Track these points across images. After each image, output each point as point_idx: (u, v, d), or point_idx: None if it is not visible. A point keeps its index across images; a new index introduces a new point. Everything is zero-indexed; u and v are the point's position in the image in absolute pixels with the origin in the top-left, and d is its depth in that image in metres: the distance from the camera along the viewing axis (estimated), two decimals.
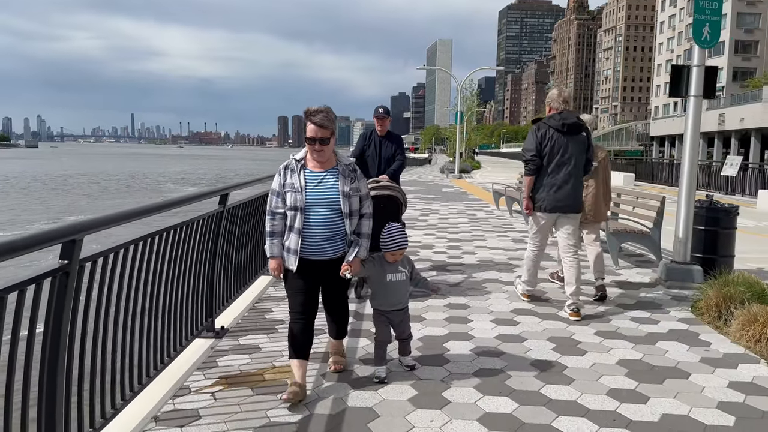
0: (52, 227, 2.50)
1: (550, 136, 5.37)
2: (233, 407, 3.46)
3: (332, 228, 3.54)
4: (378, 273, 3.85)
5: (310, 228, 3.50)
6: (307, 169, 3.56)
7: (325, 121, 3.46)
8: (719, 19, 6.32)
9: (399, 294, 3.89)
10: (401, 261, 3.91)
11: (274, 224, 3.55)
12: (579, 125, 5.44)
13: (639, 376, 4.02)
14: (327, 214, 3.51)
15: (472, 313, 5.43)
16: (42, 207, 33.26)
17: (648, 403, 3.60)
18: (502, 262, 7.92)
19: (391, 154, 6.48)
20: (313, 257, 3.54)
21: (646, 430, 3.26)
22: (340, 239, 3.58)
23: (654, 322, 5.28)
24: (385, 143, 6.52)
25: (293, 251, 3.51)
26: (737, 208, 6.86)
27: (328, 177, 3.55)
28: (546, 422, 3.33)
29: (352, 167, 3.67)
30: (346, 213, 3.54)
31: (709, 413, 3.48)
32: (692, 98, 6.43)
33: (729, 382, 3.96)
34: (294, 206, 3.49)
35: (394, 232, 3.86)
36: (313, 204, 3.49)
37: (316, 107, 3.50)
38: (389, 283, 3.85)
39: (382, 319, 3.90)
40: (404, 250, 3.88)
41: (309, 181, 3.52)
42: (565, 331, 4.99)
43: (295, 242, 3.51)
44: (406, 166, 7.13)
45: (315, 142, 3.48)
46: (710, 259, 6.66)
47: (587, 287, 6.14)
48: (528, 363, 4.24)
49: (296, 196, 3.48)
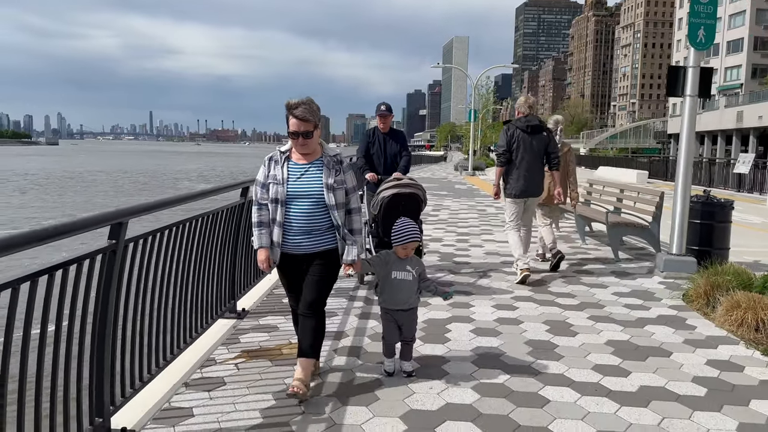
0: (103, 212, 2.93)
1: (518, 135, 6.47)
2: (254, 376, 3.89)
3: (315, 221, 3.45)
4: (384, 270, 3.81)
5: (290, 221, 3.44)
6: (291, 161, 3.50)
7: (307, 114, 3.37)
8: (714, 23, 6.62)
9: (404, 293, 3.81)
10: (410, 261, 3.84)
11: (260, 215, 3.50)
12: (540, 126, 6.56)
13: (624, 354, 4.39)
14: (309, 207, 3.43)
15: (474, 299, 5.82)
16: (59, 203, 34.09)
17: (629, 377, 3.96)
18: (507, 253, 8.26)
19: (396, 150, 6.57)
20: (294, 251, 3.48)
21: (623, 398, 3.63)
22: (324, 233, 3.48)
23: (645, 308, 5.62)
24: (389, 140, 6.60)
25: (276, 244, 3.47)
26: (732, 203, 7.15)
27: (312, 169, 3.47)
28: (533, 391, 3.71)
29: (338, 159, 3.55)
30: (331, 205, 3.43)
31: (683, 386, 3.83)
32: (688, 98, 6.74)
33: (707, 360, 4.30)
34: (275, 198, 3.43)
35: (404, 226, 3.83)
36: (295, 196, 3.42)
37: (297, 100, 3.41)
38: (394, 281, 3.79)
39: (389, 317, 3.85)
40: (416, 244, 3.86)
41: (292, 174, 3.46)
42: (560, 315, 5.35)
43: (276, 235, 3.46)
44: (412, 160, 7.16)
45: (298, 136, 3.40)
46: (706, 252, 6.95)
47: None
48: (522, 342, 4.61)
49: (278, 188, 3.42)
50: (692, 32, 6.56)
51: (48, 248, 3.11)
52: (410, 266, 3.83)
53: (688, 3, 6.88)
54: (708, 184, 22.86)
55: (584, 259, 7.90)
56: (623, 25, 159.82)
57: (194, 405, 3.46)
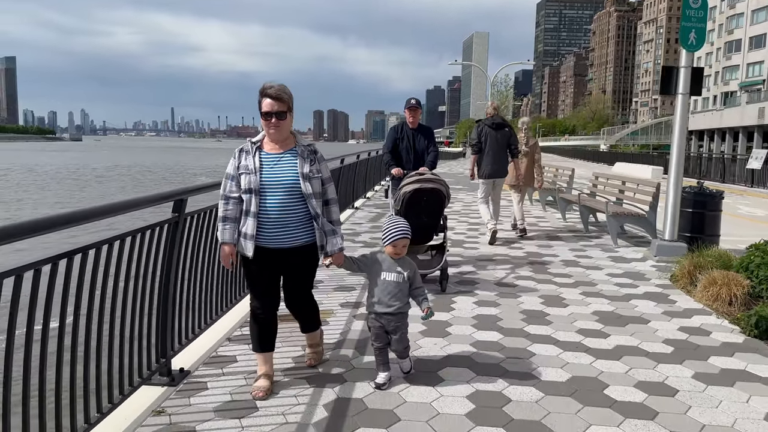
0: (169, 189, 3.61)
1: (486, 131, 8.35)
2: (285, 333, 4.58)
3: (291, 213, 3.33)
4: (373, 270, 3.63)
5: (266, 212, 3.30)
6: (263, 151, 3.39)
7: (281, 94, 3.30)
8: (704, 26, 7.15)
9: (392, 296, 3.57)
10: (402, 263, 3.64)
11: (227, 209, 3.36)
12: (503, 124, 8.51)
13: (607, 321, 5.01)
14: (285, 198, 3.30)
15: (478, 278, 6.46)
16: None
17: (607, 338, 4.58)
18: (512, 240, 8.89)
19: (424, 146, 6.53)
20: (270, 245, 3.35)
21: (599, 353, 4.25)
22: (301, 226, 3.36)
23: (634, 286, 6.22)
24: (417, 135, 6.55)
25: (250, 237, 3.31)
26: (722, 193, 7.68)
27: (286, 158, 3.36)
28: (522, 347, 4.35)
29: (312, 149, 3.46)
30: (308, 194, 3.32)
31: (654, 345, 4.45)
32: (680, 96, 7.28)
33: (680, 327, 4.90)
34: (248, 188, 3.29)
35: (394, 223, 3.69)
36: (269, 186, 3.29)
37: (272, 83, 3.35)
38: (383, 282, 3.58)
39: (375, 323, 3.62)
40: (406, 241, 3.65)
41: (265, 163, 3.34)
42: (555, 291, 5.97)
43: (251, 227, 3.31)
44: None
45: (271, 116, 3.30)
46: (697, 238, 7.50)
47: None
48: (518, 311, 5.25)
49: (250, 178, 3.29)
50: (684, 35, 7.11)
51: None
52: (402, 268, 3.60)
53: None
54: (721, 180, 23.17)
55: (585, 246, 8.49)
56: (646, 21, 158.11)
57: (237, 354, 4.17)
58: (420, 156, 6.52)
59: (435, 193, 5.71)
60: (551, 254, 7.83)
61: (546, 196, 12.60)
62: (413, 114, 6.52)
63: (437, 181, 5.75)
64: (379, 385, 3.54)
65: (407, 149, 6.55)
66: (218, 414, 3.25)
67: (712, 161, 24.00)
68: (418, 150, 6.54)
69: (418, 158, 6.52)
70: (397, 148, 6.59)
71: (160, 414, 3.26)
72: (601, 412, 3.34)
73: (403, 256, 3.67)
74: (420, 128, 6.62)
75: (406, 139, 6.57)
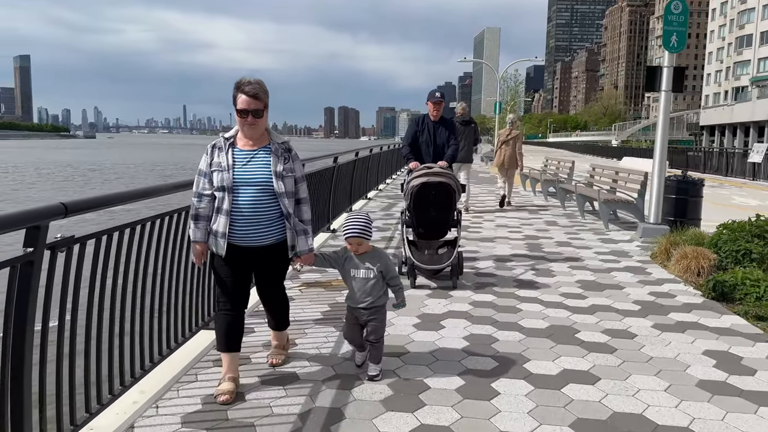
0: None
1: (457, 127, 10.08)
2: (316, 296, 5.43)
3: (263, 211, 3.27)
4: (341, 266, 3.60)
5: (239, 210, 3.23)
6: (236, 147, 3.32)
7: (258, 92, 3.24)
8: (684, 29, 7.91)
9: (363, 291, 3.53)
10: (370, 258, 3.57)
11: (200, 207, 3.29)
12: (469, 121, 11.10)
13: (587, 287, 5.82)
14: (257, 196, 3.24)
15: (479, 255, 7.29)
16: None
17: (585, 300, 5.40)
18: (514, 226, 9.70)
19: (445, 140, 6.34)
20: (242, 243, 3.28)
21: (576, 310, 5.07)
22: (273, 224, 3.30)
23: (617, 262, 7.02)
24: (438, 128, 6.35)
25: (221, 234, 3.25)
26: (703, 181, 8.45)
27: (259, 155, 3.30)
28: (512, 305, 5.18)
29: (286, 146, 3.39)
30: (280, 193, 3.26)
31: (624, 304, 5.26)
32: (663, 92, 8.05)
33: (650, 292, 5.71)
34: (221, 186, 3.23)
35: (351, 220, 3.59)
36: (242, 183, 3.23)
37: (249, 78, 3.29)
38: (353, 278, 3.56)
39: (350, 316, 3.65)
40: (361, 240, 3.53)
41: (238, 160, 3.27)
42: (546, 265, 6.79)
43: (223, 225, 3.24)
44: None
45: (248, 114, 3.23)
46: (680, 221, 8.27)
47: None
48: (511, 279, 6.09)
49: (223, 175, 3.22)
50: (666, 38, 7.87)
51: None
52: (370, 263, 3.54)
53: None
54: (725, 174, 23.78)
55: (580, 230, 9.28)
56: (658, 15, 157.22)
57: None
58: (440, 150, 6.32)
59: (443, 187, 5.62)
60: (547, 237, 8.63)
61: (548, 186, 13.38)
62: (437, 107, 6.31)
63: (445, 174, 5.68)
64: (371, 377, 3.57)
65: (427, 142, 6.35)
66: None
67: (713, 155, 24.59)
68: (439, 144, 6.33)
69: (438, 152, 6.31)
70: (416, 141, 6.40)
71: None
72: (570, 348, 4.17)
73: (372, 249, 3.61)
74: (442, 121, 6.41)
75: (426, 132, 6.37)
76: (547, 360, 3.95)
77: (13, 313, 2.31)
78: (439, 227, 5.88)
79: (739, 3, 75.40)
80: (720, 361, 3.97)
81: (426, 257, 5.84)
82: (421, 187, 5.64)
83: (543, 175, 13.89)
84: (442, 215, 5.79)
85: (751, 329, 4.63)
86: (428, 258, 5.84)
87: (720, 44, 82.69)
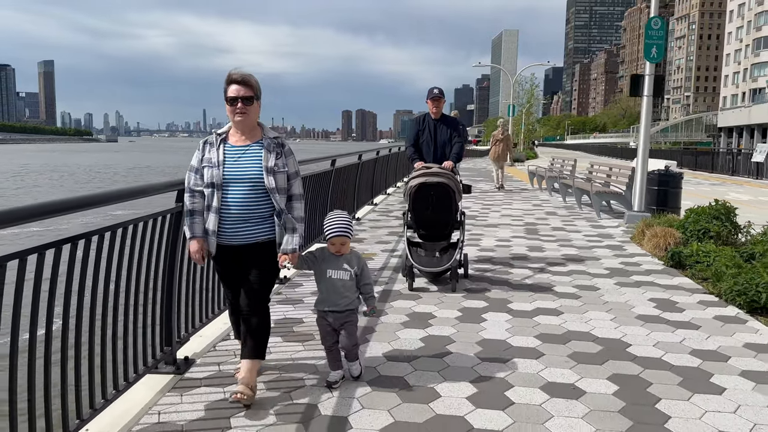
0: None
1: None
2: None
3: (253, 208, 3.16)
4: (318, 267, 3.44)
5: (227, 207, 3.14)
6: (228, 143, 3.23)
7: (248, 78, 3.16)
8: (662, 43, 9.11)
9: (338, 293, 3.40)
10: (348, 259, 3.44)
11: (193, 202, 3.20)
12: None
13: (569, 259, 7.06)
14: (247, 192, 3.14)
15: (483, 237, 8.56)
16: None
17: (565, 266, 6.65)
18: (517, 216, 10.94)
19: (447, 138, 6.12)
20: (230, 242, 3.18)
21: (555, 272, 6.32)
22: (263, 222, 3.19)
23: (600, 242, 8.24)
24: (440, 126, 6.15)
25: (211, 233, 3.17)
26: (682, 174, 9.64)
27: (251, 151, 3.20)
28: (504, 270, 6.44)
29: (279, 142, 3.27)
30: (272, 189, 3.14)
31: (597, 270, 6.49)
32: (645, 97, 9.25)
33: (621, 262, 6.93)
34: (210, 182, 3.14)
35: (333, 219, 3.45)
36: (232, 180, 3.13)
37: (238, 69, 3.22)
38: (329, 279, 3.41)
39: (323, 321, 3.47)
40: (344, 239, 3.40)
41: (228, 156, 3.18)
42: (539, 243, 8.03)
43: (213, 223, 3.15)
44: (465, 149, 6.67)
45: (237, 101, 3.13)
46: (662, 209, 9.45)
47: None
48: (508, 253, 7.35)
49: (213, 171, 3.14)
50: (647, 50, 9.07)
51: None
52: (348, 264, 3.42)
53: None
54: (730, 173, 24.70)
55: (575, 219, 10.49)
56: (678, 17, 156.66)
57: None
58: (442, 149, 6.12)
59: (441, 187, 5.52)
60: (545, 224, 9.86)
61: (552, 183, 14.56)
62: (436, 104, 6.11)
63: (443, 174, 5.56)
64: (330, 384, 3.43)
65: (428, 142, 6.15)
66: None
67: (719, 156, 25.51)
68: (439, 142, 6.12)
69: (440, 151, 6.13)
70: (418, 141, 6.21)
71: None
72: (545, 295, 5.43)
73: (350, 251, 3.48)
74: (443, 119, 6.20)
75: (427, 131, 6.18)
76: (526, 302, 5.21)
77: None
78: (440, 228, 5.77)
79: (756, 5, 75.58)
80: (659, 305, 5.20)
81: (425, 259, 5.65)
82: (419, 187, 5.58)
83: (548, 173, 15.08)
84: (442, 216, 5.69)
85: (694, 286, 5.84)
86: (427, 260, 5.64)
87: (737, 46, 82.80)
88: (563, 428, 2.98)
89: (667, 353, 4.03)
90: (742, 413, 3.16)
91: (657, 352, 4.06)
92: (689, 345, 4.19)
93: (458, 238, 5.85)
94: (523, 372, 3.69)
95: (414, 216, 5.73)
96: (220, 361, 3.80)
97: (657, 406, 3.23)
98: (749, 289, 5.04)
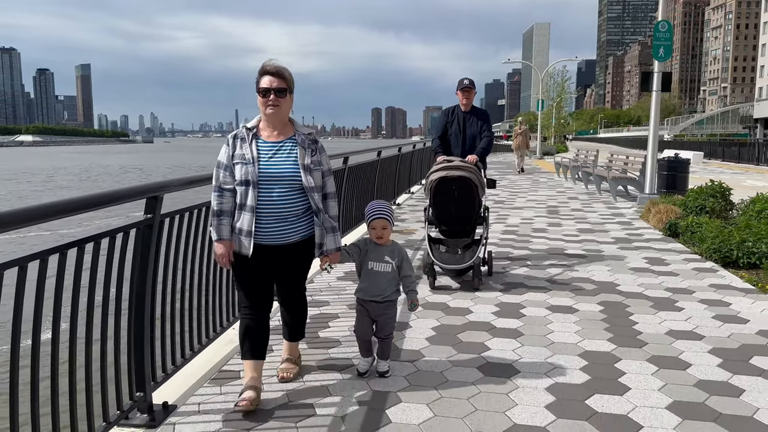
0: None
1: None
2: None
3: (290, 207, 3.05)
4: (363, 259, 3.45)
5: (263, 206, 3.01)
6: (260, 138, 3.08)
7: (281, 70, 3.05)
8: (670, 43, 10.21)
9: (380, 285, 3.43)
10: (390, 250, 3.46)
11: (222, 202, 3.03)
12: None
13: (582, 232, 8.29)
14: (284, 191, 3.02)
15: (508, 218, 9.85)
16: None
17: (578, 237, 7.89)
18: (541, 200, 12.16)
19: (476, 131, 5.88)
20: (267, 243, 3.05)
21: (569, 241, 7.57)
22: (299, 220, 3.08)
23: (612, 219, 9.44)
24: (470, 119, 5.91)
25: (247, 233, 3.01)
26: (689, 161, 10.75)
27: (285, 147, 3.07)
28: (525, 240, 7.72)
29: (312, 138, 3.17)
30: (309, 188, 3.05)
31: (605, 239, 7.72)
32: (654, 92, 10.38)
33: (626, 233, 8.14)
34: (245, 180, 2.99)
35: (371, 205, 3.50)
36: (268, 177, 3.00)
37: (271, 60, 3.12)
38: (370, 271, 3.44)
39: (361, 309, 3.50)
40: (385, 222, 3.41)
41: (262, 152, 3.04)
42: (558, 221, 9.27)
43: (248, 223, 3.01)
44: (493, 143, 6.35)
45: (270, 92, 3.01)
46: (671, 192, 10.58)
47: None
48: (530, 228, 8.61)
49: (248, 168, 2.99)
50: (655, 50, 10.20)
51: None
52: (389, 256, 3.45)
53: None
54: (756, 163, 25.32)
55: (594, 202, 11.66)
56: (714, 6, 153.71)
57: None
58: (471, 142, 5.89)
59: (463, 181, 5.33)
60: (565, 206, 11.08)
61: (576, 172, 15.70)
62: (466, 95, 5.86)
63: (465, 168, 5.38)
64: (360, 373, 3.48)
65: (456, 134, 5.92)
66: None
67: (747, 147, 26.13)
68: (468, 135, 5.90)
69: (469, 144, 5.89)
70: (446, 134, 5.99)
71: None
72: (558, 257, 6.68)
73: (392, 243, 3.50)
74: (473, 111, 5.97)
75: (456, 123, 5.94)
76: (540, 260, 6.49)
77: None
78: (463, 223, 5.55)
79: None
80: (650, 261, 6.42)
81: (446, 256, 5.49)
82: (440, 181, 5.39)
83: (572, 163, 16.21)
84: (464, 211, 5.48)
85: (684, 249, 7.04)
86: (448, 257, 5.48)
87: None
88: (560, 331, 4.28)
89: (646, 289, 5.28)
90: (690, 321, 4.41)
91: (639, 289, 5.31)
92: (666, 285, 5.44)
93: (482, 234, 5.62)
94: (534, 308, 4.99)
95: (435, 211, 5.55)
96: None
97: (629, 318, 4.51)
98: (723, 247, 6.24)
